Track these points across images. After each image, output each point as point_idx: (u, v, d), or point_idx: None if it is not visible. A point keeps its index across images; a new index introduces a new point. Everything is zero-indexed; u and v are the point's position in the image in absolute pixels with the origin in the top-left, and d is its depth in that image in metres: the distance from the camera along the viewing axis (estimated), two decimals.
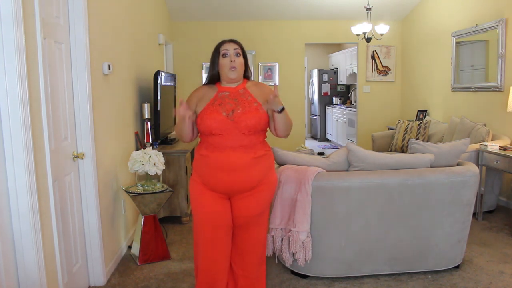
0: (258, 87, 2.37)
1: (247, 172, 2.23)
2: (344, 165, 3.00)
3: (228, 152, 2.21)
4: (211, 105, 2.26)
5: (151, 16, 5.09)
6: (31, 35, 2.11)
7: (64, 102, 2.57)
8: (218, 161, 2.22)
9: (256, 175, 2.26)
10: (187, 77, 6.96)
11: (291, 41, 7.28)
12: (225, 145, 2.21)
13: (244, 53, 2.33)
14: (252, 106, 2.25)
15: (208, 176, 2.26)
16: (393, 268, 2.96)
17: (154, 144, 4.09)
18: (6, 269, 2.02)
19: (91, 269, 2.87)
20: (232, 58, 2.27)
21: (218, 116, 2.21)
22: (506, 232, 3.82)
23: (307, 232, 2.80)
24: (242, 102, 2.26)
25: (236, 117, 2.21)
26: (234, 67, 2.27)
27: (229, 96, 2.29)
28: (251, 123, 2.21)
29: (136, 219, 3.84)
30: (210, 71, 2.35)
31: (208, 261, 2.33)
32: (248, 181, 2.25)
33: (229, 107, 2.24)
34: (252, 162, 2.23)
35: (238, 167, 2.21)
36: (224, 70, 2.29)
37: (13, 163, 2.02)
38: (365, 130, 7.46)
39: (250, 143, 2.24)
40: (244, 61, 2.33)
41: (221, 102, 2.26)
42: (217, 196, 2.30)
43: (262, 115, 2.25)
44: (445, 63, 5.89)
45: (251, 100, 2.28)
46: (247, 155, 2.22)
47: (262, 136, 2.32)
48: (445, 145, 3.11)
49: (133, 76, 3.92)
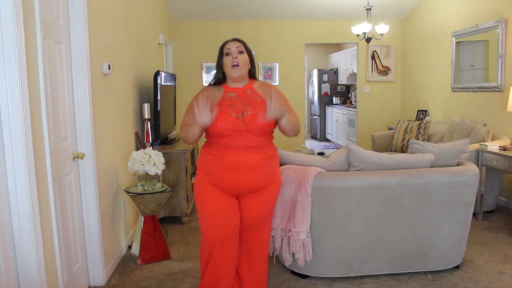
0: (265, 87, 2.36)
1: (258, 172, 2.24)
2: (344, 165, 3.00)
3: (240, 153, 2.20)
4: (220, 106, 2.23)
5: (151, 16, 5.09)
6: (31, 35, 2.11)
7: (64, 102, 2.57)
8: (229, 162, 2.21)
9: (267, 175, 2.29)
10: (187, 77, 6.96)
11: (291, 41, 7.28)
12: (236, 146, 2.20)
13: (248, 51, 2.32)
14: (262, 107, 2.23)
15: (219, 176, 2.26)
16: (393, 268, 2.96)
17: (154, 144, 4.09)
18: (6, 269, 2.02)
19: (91, 269, 2.87)
20: (235, 55, 2.25)
21: (229, 118, 2.20)
22: (506, 232, 3.82)
23: (307, 232, 2.80)
24: (251, 104, 2.25)
25: (247, 119, 2.20)
26: (236, 64, 2.24)
27: (237, 97, 2.27)
28: (262, 125, 2.20)
29: (136, 219, 3.83)
30: (216, 74, 2.34)
31: (217, 259, 2.31)
32: (259, 181, 2.27)
33: (239, 109, 2.23)
34: (263, 162, 2.25)
35: (250, 168, 2.22)
36: (227, 69, 2.27)
37: (13, 163, 2.02)
38: (365, 130, 7.46)
39: (260, 143, 2.25)
40: (249, 58, 2.31)
41: (229, 103, 2.24)
42: (227, 195, 2.30)
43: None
44: (445, 63, 5.89)
45: (261, 101, 2.27)
46: (258, 156, 2.23)
47: (271, 136, 2.34)
48: (445, 145, 3.11)
49: (133, 76, 3.92)
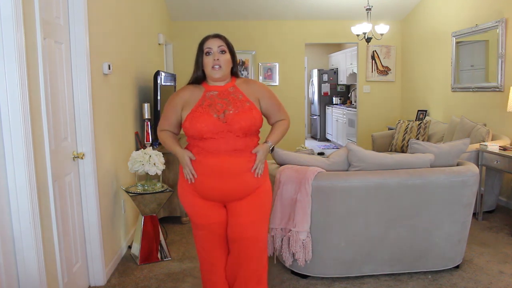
0: (249, 84, 2.19)
1: (243, 178, 2.09)
2: (344, 165, 3.00)
3: (222, 157, 2.04)
4: (200, 107, 2.07)
5: (151, 16, 5.09)
6: (31, 35, 2.11)
7: (64, 102, 2.57)
8: (212, 166, 2.06)
9: (252, 181, 2.12)
10: (187, 77, 6.84)
11: (291, 41, 7.28)
12: (218, 149, 2.04)
13: (230, 49, 2.13)
14: (245, 106, 2.08)
15: (200, 183, 2.10)
16: (393, 268, 2.96)
17: (154, 144, 4.09)
18: (7, 268, 2.02)
19: (91, 269, 2.87)
20: (216, 56, 2.08)
21: (209, 118, 2.03)
22: (506, 232, 3.82)
23: (307, 232, 2.80)
24: (233, 102, 2.08)
25: (228, 119, 2.04)
26: (217, 65, 2.07)
27: (219, 96, 2.10)
28: (245, 125, 2.05)
29: (136, 219, 3.83)
30: (194, 72, 2.17)
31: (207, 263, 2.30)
32: (245, 187, 2.11)
33: (220, 108, 2.06)
34: (248, 167, 2.09)
35: (234, 173, 2.06)
36: (207, 70, 2.10)
37: (13, 163, 2.02)
38: (365, 130, 7.46)
39: (244, 146, 2.08)
40: (232, 57, 2.13)
41: (210, 103, 2.08)
42: (211, 205, 2.16)
43: (256, 115, 2.09)
44: (445, 63, 5.89)
45: (243, 99, 2.10)
46: (242, 160, 2.07)
47: (256, 138, 2.16)
48: (445, 145, 3.11)
49: (133, 76, 3.92)
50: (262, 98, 2.19)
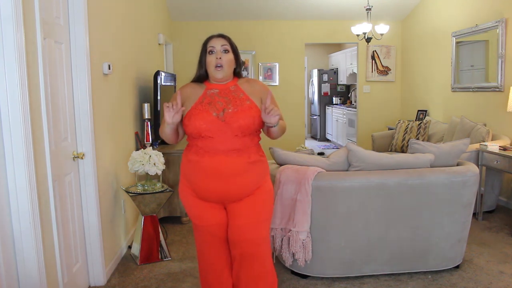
0: (250, 83, 2.17)
1: (241, 179, 2.04)
2: (344, 165, 3.00)
3: (219, 157, 2.01)
4: (200, 104, 2.05)
5: (151, 16, 5.09)
6: (31, 35, 2.11)
7: (64, 102, 2.57)
8: (209, 167, 2.02)
9: (250, 182, 2.07)
10: (187, 77, 6.88)
11: (291, 41, 7.28)
12: (216, 148, 2.01)
13: (234, 49, 2.13)
14: (245, 104, 2.05)
15: (199, 184, 2.07)
16: (393, 268, 2.96)
17: (154, 144, 4.09)
18: (6, 268, 2.02)
19: (91, 269, 2.87)
20: (219, 55, 2.07)
21: (208, 116, 2.01)
22: (506, 232, 3.82)
23: (307, 232, 2.80)
24: (233, 100, 2.06)
25: (227, 117, 2.01)
26: (220, 65, 2.06)
27: (219, 94, 2.08)
28: (244, 124, 2.01)
29: (136, 219, 3.84)
30: (197, 70, 2.16)
31: (204, 263, 2.29)
32: (243, 189, 2.06)
33: (220, 106, 2.04)
34: (246, 168, 2.04)
35: (231, 174, 2.02)
36: (210, 69, 2.09)
37: (13, 163, 2.02)
38: (365, 130, 7.46)
39: (243, 146, 2.04)
40: (235, 57, 2.12)
41: (210, 101, 2.06)
42: (210, 206, 2.12)
43: (256, 114, 2.04)
44: (445, 63, 5.89)
45: (243, 97, 2.07)
46: (240, 160, 2.03)
47: (256, 138, 2.12)
48: (445, 145, 3.11)
49: (133, 76, 3.92)
50: (264, 98, 2.16)
